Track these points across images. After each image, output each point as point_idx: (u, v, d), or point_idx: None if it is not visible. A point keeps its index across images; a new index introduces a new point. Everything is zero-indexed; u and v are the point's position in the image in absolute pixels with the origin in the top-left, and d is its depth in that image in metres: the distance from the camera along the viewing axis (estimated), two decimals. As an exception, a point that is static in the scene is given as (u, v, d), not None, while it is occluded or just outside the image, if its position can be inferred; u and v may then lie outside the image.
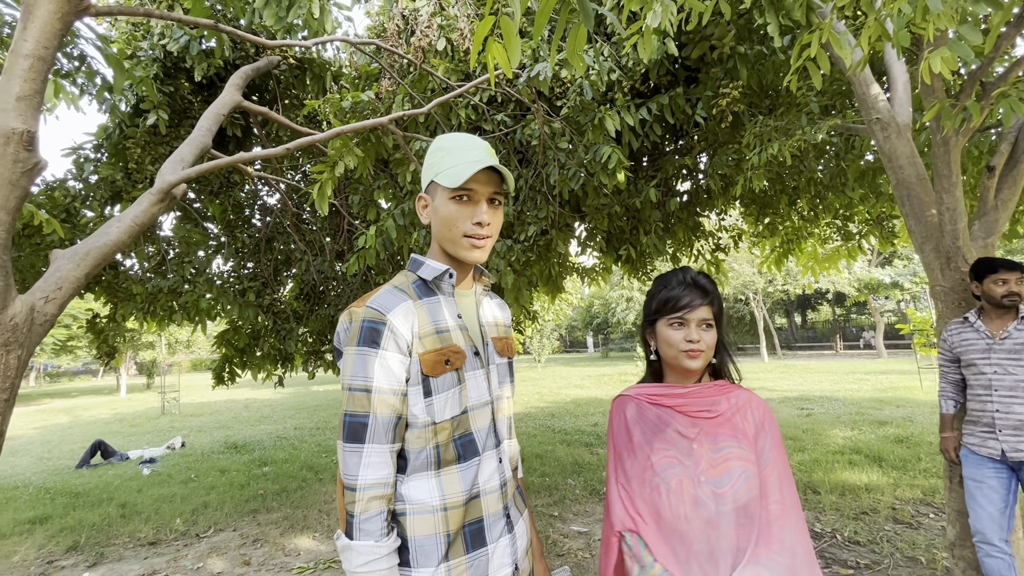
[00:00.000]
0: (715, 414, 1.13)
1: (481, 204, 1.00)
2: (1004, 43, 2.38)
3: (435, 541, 0.92)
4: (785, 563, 1.01)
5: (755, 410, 1.14)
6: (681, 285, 1.16)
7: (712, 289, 1.17)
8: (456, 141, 1.02)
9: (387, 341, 0.92)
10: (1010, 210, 2.72)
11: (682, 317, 1.14)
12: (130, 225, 2.15)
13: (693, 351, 1.13)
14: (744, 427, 1.12)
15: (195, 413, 14.19)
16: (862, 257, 6.13)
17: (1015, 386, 2.28)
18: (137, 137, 3.49)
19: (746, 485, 1.06)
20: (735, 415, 1.13)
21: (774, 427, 1.13)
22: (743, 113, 3.32)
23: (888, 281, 20.51)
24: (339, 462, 0.91)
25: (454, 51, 3.44)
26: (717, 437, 1.11)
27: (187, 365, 37.54)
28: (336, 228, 4.73)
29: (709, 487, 1.07)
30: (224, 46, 3.20)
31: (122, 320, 4.31)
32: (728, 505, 1.05)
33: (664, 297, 1.17)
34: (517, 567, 1.01)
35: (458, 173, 0.96)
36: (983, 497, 2.36)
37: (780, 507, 1.06)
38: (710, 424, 1.13)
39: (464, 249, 1.00)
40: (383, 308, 0.93)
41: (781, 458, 1.11)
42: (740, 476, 1.07)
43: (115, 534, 4.42)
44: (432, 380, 0.94)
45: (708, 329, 1.15)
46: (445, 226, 1.00)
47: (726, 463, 1.08)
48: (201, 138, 2.57)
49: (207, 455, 7.85)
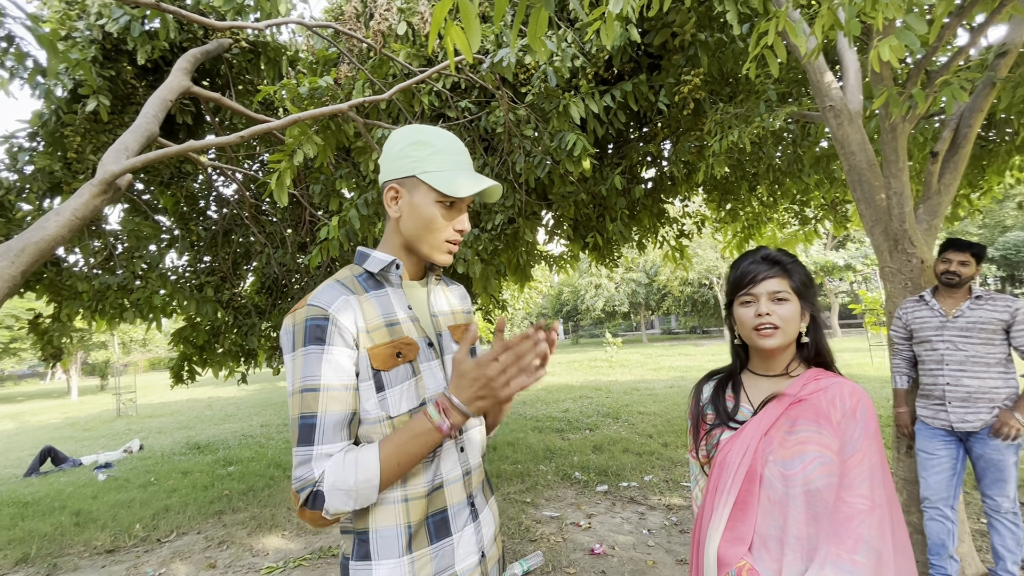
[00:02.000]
0: (797, 398, 1.04)
1: (464, 212, 1.01)
2: (947, 33, 2.49)
3: (396, 532, 0.91)
4: (868, 565, 0.91)
5: (847, 397, 1.02)
6: (749, 262, 1.10)
7: (786, 260, 1.08)
8: (443, 139, 0.99)
9: (332, 336, 0.89)
10: (952, 194, 2.86)
11: (750, 292, 1.07)
12: (70, 218, 2.02)
13: (763, 326, 1.05)
14: (829, 412, 1.01)
15: (154, 414, 13.65)
16: (818, 241, 6.37)
17: (964, 361, 2.42)
18: (76, 124, 3.27)
19: (821, 470, 0.97)
20: (820, 399, 1.03)
21: (869, 418, 1.01)
22: (704, 100, 3.37)
23: (842, 263, 21.48)
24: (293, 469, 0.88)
25: (415, 36, 3.35)
26: (796, 420, 1.03)
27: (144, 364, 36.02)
28: (297, 219, 4.58)
29: (777, 467, 1.01)
30: (169, 27, 3.02)
31: (67, 320, 4.07)
32: (798, 488, 0.98)
33: (733, 277, 1.11)
34: (484, 554, 1.01)
35: (459, 183, 0.95)
36: (933, 466, 2.51)
37: (867, 502, 0.95)
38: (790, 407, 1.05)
39: (441, 253, 1.00)
40: (324, 304, 0.90)
41: (874, 451, 0.99)
42: (814, 460, 0.98)
43: (69, 544, 4.21)
44: (384, 374, 0.92)
45: (782, 303, 1.05)
46: (426, 228, 0.98)
47: (800, 446, 1.00)
48: (147, 125, 2.43)
49: (167, 457, 7.56)
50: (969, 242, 2.46)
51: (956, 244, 2.47)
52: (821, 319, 1.13)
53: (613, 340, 20.20)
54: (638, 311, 32.73)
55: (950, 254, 2.47)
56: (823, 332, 1.12)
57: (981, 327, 2.40)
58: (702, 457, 1.16)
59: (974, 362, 2.40)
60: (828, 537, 0.94)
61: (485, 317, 6.90)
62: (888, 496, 0.98)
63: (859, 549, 0.92)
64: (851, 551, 0.92)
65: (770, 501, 1.01)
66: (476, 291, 4.23)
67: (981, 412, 2.39)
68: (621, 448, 5.88)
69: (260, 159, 4.67)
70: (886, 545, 0.93)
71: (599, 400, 9.76)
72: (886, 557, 0.93)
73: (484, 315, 6.75)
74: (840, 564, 0.92)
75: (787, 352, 1.11)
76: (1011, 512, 2.40)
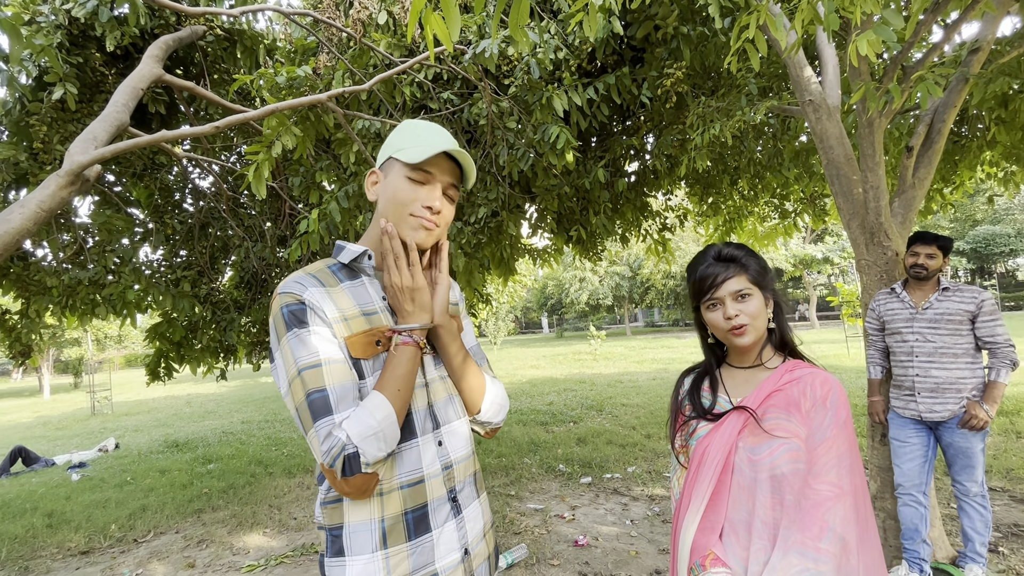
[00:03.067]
0: (774, 388, 1.07)
1: (436, 189, 0.99)
2: (922, 29, 2.53)
3: (369, 527, 0.89)
4: (832, 552, 0.92)
5: (818, 387, 1.04)
6: (705, 265, 1.12)
7: (740, 256, 1.11)
8: (425, 126, 1.02)
9: (312, 318, 0.89)
10: (926, 188, 2.92)
11: (713, 297, 1.10)
12: (35, 211, 1.95)
13: (735, 328, 1.08)
14: (799, 401, 1.04)
15: (130, 412, 13.35)
16: (797, 234, 6.49)
17: (933, 352, 2.49)
18: (42, 113, 3.15)
19: (787, 456, 1.00)
20: (793, 389, 1.06)
21: (839, 407, 1.02)
22: (687, 94, 3.38)
23: (820, 256, 21.92)
24: (314, 452, 0.85)
25: (396, 25, 3.29)
26: (767, 409, 1.06)
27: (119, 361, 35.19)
28: (277, 212, 4.49)
29: (746, 453, 1.04)
30: (139, 13, 2.91)
31: (36, 316, 3.93)
32: (764, 473, 1.01)
33: (693, 283, 1.14)
34: (468, 551, 0.99)
35: (421, 151, 0.95)
36: (906, 455, 2.58)
37: (834, 490, 0.96)
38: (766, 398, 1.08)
39: (409, 227, 0.98)
40: (297, 289, 0.91)
41: (843, 439, 1.00)
42: (781, 446, 1.01)
43: (41, 545, 4.10)
44: (363, 362, 0.92)
45: (745, 299, 1.08)
46: (394, 203, 0.97)
47: (769, 432, 1.03)
48: (116, 114, 2.35)
49: (144, 456, 7.41)
50: (936, 235, 2.52)
51: (923, 237, 2.53)
52: (782, 302, 1.16)
53: (597, 333, 20.35)
54: (622, 304, 32.99)
55: (918, 247, 2.53)
56: (784, 314, 1.16)
57: (948, 318, 2.46)
58: (679, 447, 1.19)
59: (942, 353, 2.47)
60: (794, 523, 0.96)
61: (469, 311, 6.88)
62: (857, 485, 0.99)
63: (824, 536, 0.93)
64: (816, 538, 0.93)
65: (739, 487, 1.04)
66: (460, 284, 4.21)
67: (949, 402, 2.45)
68: (605, 440, 5.93)
69: (237, 150, 4.56)
70: (851, 533, 0.94)
71: (583, 393, 9.83)
72: (851, 545, 0.94)
73: (468, 309, 6.73)
74: (805, 552, 0.93)
75: (759, 342, 1.13)
76: (979, 496, 2.48)
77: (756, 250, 5.85)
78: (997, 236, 25.42)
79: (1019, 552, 2.83)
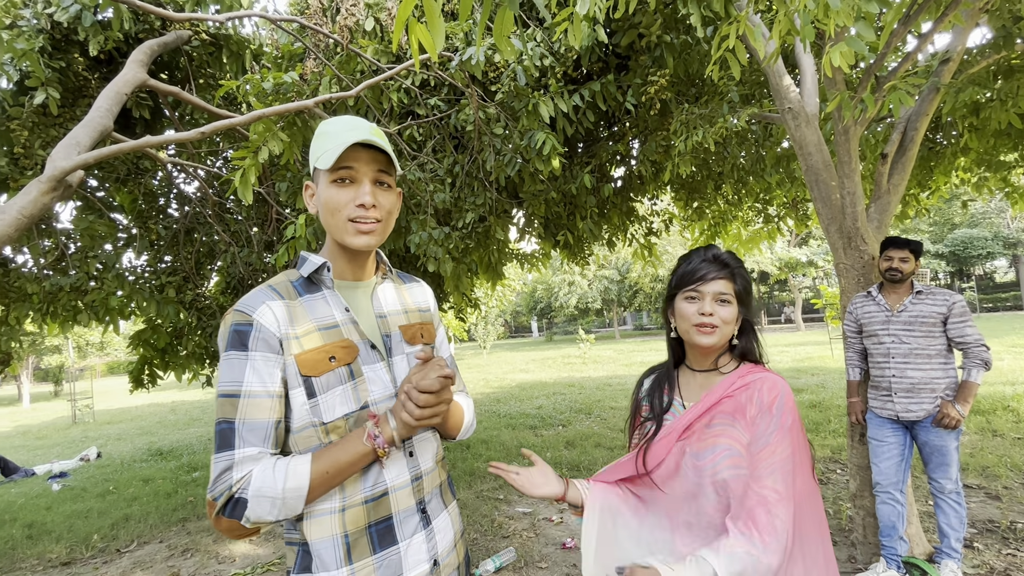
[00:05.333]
0: (724, 395, 1.08)
1: (363, 185, 0.94)
2: (895, 39, 2.61)
3: (332, 544, 0.88)
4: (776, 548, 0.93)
5: (765, 393, 1.04)
6: (700, 259, 1.13)
7: (733, 264, 1.12)
8: (337, 124, 0.96)
9: (255, 342, 0.87)
10: (900, 194, 3.01)
11: (696, 289, 1.10)
12: (16, 217, 1.93)
13: (704, 325, 1.08)
14: (746, 408, 1.04)
15: (112, 420, 13.10)
16: (781, 238, 6.58)
17: (908, 353, 2.56)
18: (23, 118, 3.11)
19: (728, 462, 1.01)
20: (741, 395, 1.06)
21: (785, 412, 1.02)
22: (671, 101, 3.45)
23: (804, 260, 22.26)
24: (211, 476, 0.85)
25: (383, 32, 3.31)
26: (715, 415, 1.07)
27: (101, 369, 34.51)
28: (263, 217, 4.47)
29: (692, 459, 1.06)
30: (123, 17, 2.90)
31: (16, 323, 3.87)
32: (707, 478, 1.03)
33: (682, 271, 1.14)
34: (437, 563, 0.98)
35: (332, 152, 0.91)
36: (884, 454, 2.64)
37: (775, 495, 0.96)
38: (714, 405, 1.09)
39: (350, 235, 0.94)
40: (248, 309, 0.89)
41: (786, 444, 1.00)
42: (723, 452, 1.03)
43: (20, 557, 4.02)
44: (314, 380, 0.89)
45: (724, 305, 1.09)
46: (328, 212, 0.94)
47: (713, 438, 1.05)
48: (100, 119, 2.33)
49: (127, 464, 7.28)
50: (907, 239, 2.60)
51: (895, 242, 2.61)
52: (754, 323, 1.17)
53: (586, 337, 20.43)
54: (611, 308, 33.17)
55: (891, 251, 2.61)
56: (755, 337, 1.16)
57: (922, 320, 2.54)
58: (634, 446, 1.22)
59: (917, 354, 2.54)
60: (740, 516, 0.97)
61: (458, 315, 6.88)
62: (803, 490, 0.99)
63: (770, 531, 0.94)
64: (763, 531, 0.94)
65: (684, 491, 1.07)
66: (448, 289, 4.23)
67: (924, 402, 2.52)
68: (593, 443, 5.96)
69: (223, 155, 4.54)
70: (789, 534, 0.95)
71: (572, 396, 9.86)
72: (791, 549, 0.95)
73: (457, 313, 6.73)
74: (751, 539, 0.94)
75: (718, 349, 1.14)
76: (954, 492, 2.55)
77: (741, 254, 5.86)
78: (975, 239, 26.02)
79: (993, 548, 2.91)
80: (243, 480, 0.82)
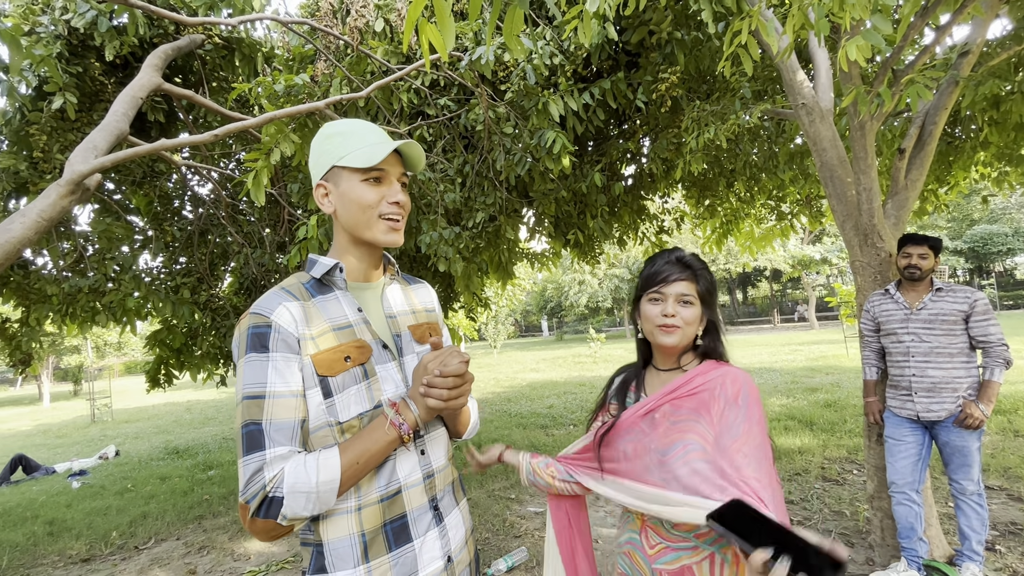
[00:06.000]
0: (686, 391, 1.11)
1: (394, 184, 0.99)
2: (912, 32, 2.56)
3: (350, 543, 0.89)
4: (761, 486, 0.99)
5: (728, 386, 1.08)
6: (664, 262, 1.16)
7: (696, 266, 1.16)
8: (351, 125, 1.00)
9: (275, 343, 0.88)
10: (918, 189, 2.95)
11: (659, 291, 1.14)
12: (36, 220, 1.97)
13: (667, 326, 1.12)
14: (711, 404, 1.07)
15: (130, 419, 13.33)
16: (794, 235, 6.50)
17: (929, 352, 2.51)
18: (42, 123, 3.18)
19: (696, 454, 1.04)
20: (704, 391, 1.09)
21: (751, 404, 1.06)
22: (682, 98, 3.42)
23: (818, 257, 21.95)
24: (240, 482, 0.85)
25: (393, 33, 3.33)
26: (679, 410, 1.10)
27: (119, 369, 35.12)
28: (275, 219, 4.51)
29: (656, 455, 1.08)
30: (138, 23, 2.95)
31: (36, 324, 3.95)
32: (671, 472, 1.05)
33: (647, 273, 1.18)
34: (451, 559, 0.99)
35: (371, 153, 0.94)
36: (900, 453, 2.59)
37: (755, 483, 0.99)
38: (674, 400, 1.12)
39: (381, 232, 0.98)
40: (265, 310, 0.90)
41: (755, 435, 1.04)
42: (688, 446, 1.05)
43: (42, 553, 4.10)
44: (330, 380, 0.90)
45: (687, 306, 1.13)
46: (359, 209, 0.96)
47: (680, 433, 1.07)
48: (116, 123, 2.37)
49: (145, 463, 7.40)
50: (925, 236, 2.55)
51: (913, 239, 2.56)
52: (719, 325, 1.19)
53: (597, 336, 20.34)
54: (621, 306, 33.01)
55: (909, 248, 2.56)
56: (719, 337, 1.19)
57: (943, 319, 2.48)
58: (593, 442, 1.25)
59: (938, 353, 2.49)
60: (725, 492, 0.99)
61: (468, 315, 6.89)
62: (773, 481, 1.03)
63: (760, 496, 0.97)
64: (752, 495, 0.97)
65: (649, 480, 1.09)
66: (459, 289, 4.23)
67: (945, 402, 2.47)
68: (605, 442, 5.93)
69: (236, 157, 4.59)
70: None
71: (583, 396, 9.83)
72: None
73: (467, 313, 6.74)
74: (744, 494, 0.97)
75: (682, 348, 1.18)
76: (976, 494, 2.50)
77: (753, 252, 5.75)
78: (994, 235, 25.48)
79: (1016, 550, 2.85)
80: (276, 478, 0.83)
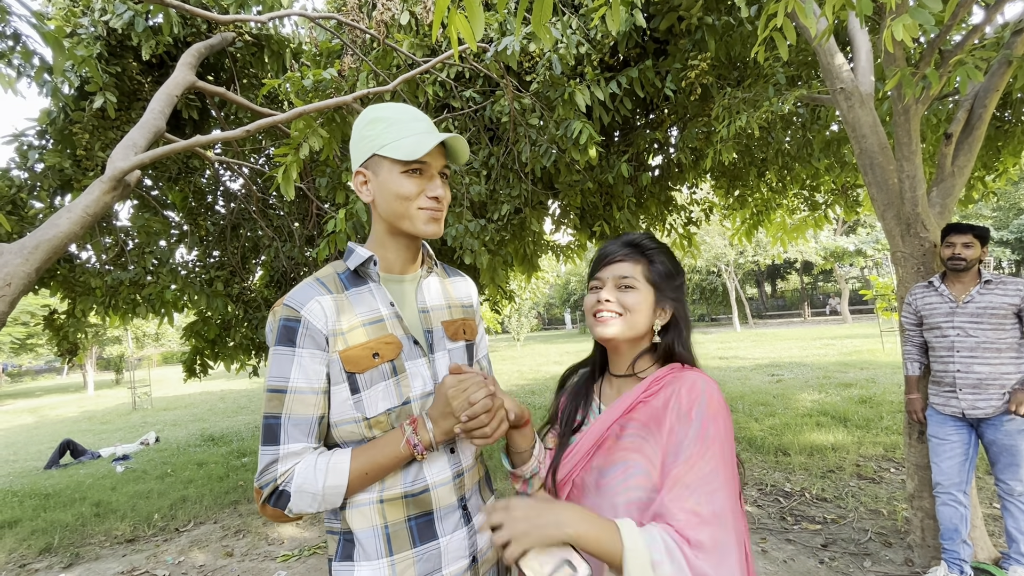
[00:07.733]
0: (635, 400, 0.92)
1: (435, 178, 0.96)
2: (961, 11, 2.43)
3: (373, 534, 0.90)
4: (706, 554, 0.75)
5: (683, 397, 0.87)
6: (608, 243, 0.99)
7: (649, 248, 0.96)
8: (395, 111, 0.95)
9: (303, 339, 0.89)
10: (966, 176, 2.81)
11: (597, 276, 0.97)
12: (81, 215, 2.04)
13: (601, 312, 0.93)
14: (662, 418, 0.88)
15: (168, 407, 13.87)
16: (828, 226, 6.29)
17: (975, 347, 2.39)
18: (84, 122, 3.30)
19: (638, 479, 0.87)
20: (656, 400, 0.90)
21: (705, 419, 0.84)
22: (712, 85, 3.33)
23: (852, 249, 21.22)
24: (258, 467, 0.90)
25: (418, 25, 3.33)
26: (627, 425, 0.92)
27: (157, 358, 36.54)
28: (304, 212, 4.60)
29: (595, 475, 0.93)
30: (172, 22, 3.02)
31: (82, 315, 4.13)
32: (607, 499, 0.89)
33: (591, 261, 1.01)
34: (476, 559, 0.97)
35: (414, 145, 0.91)
36: (945, 453, 2.49)
37: (693, 518, 0.77)
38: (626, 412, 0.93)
39: (421, 223, 0.95)
40: (297, 304, 0.90)
41: (708, 458, 0.82)
42: (629, 469, 0.88)
43: (90, 533, 4.32)
44: (358, 376, 0.90)
45: (628, 291, 0.93)
46: (399, 201, 0.93)
47: (623, 452, 0.90)
48: (154, 121, 2.44)
49: (183, 449, 7.70)
50: (970, 224, 2.43)
51: (957, 228, 2.44)
52: (686, 320, 0.98)
53: (621, 329, 20.15)
54: (646, 299, 32.60)
55: (953, 238, 2.44)
56: (684, 335, 0.97)
57: (992, 312, 2.37)
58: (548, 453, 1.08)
59: (985, 348, 2.38)
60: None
61: (493, 307, 6.91)
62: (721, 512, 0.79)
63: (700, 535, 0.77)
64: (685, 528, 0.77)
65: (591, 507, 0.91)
66: (483, 281, 4.24)
67: (992, 398, 2.36)
68: (630, 436, 5.89)
69: (266, 153, 4.68)
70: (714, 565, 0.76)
71: (607, 389, 9.76)
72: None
73: (492, 306, 6.77)
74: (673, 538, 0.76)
75: (635, 348, 0.97)
76: (1024, 496, 2.39)
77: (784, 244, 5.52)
78: (1044, 225, 24.15)
79: (1068, 555, 2.71)
80: (287, 474, 0.87)
